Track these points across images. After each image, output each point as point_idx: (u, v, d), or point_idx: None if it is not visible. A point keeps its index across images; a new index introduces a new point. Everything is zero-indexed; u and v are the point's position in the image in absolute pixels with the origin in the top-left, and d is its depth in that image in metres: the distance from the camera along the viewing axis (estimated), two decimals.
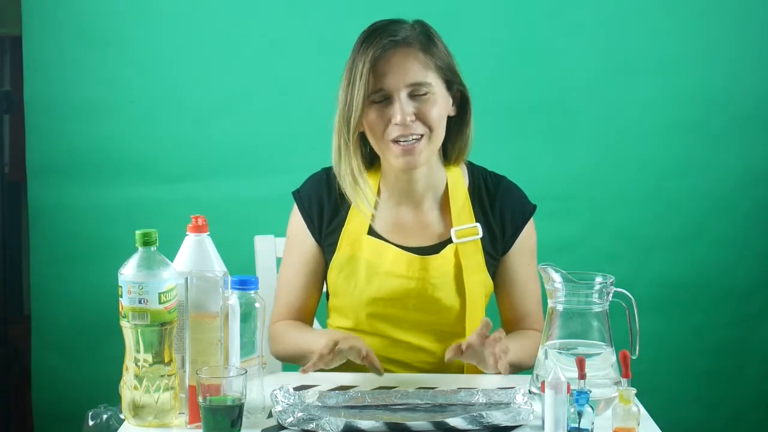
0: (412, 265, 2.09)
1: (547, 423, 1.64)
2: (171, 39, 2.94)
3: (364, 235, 2.12)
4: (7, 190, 3.03)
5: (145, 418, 1.72)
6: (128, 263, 1.70)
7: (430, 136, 2.04)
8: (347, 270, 2.11)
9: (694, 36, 2.96)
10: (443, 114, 2.06)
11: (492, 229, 2.14)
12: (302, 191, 2.19)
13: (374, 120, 2.03)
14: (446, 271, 2.10)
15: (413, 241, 2.12)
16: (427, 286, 2.09)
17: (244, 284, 1.78)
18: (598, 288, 1.81)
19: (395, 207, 2.14)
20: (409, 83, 2.02)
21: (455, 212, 2.12)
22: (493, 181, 2.18)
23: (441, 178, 2.15)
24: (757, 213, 3.01)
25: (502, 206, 2.15)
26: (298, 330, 2.15)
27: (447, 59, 2.07)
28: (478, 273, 2.11)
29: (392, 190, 2.13)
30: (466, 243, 2.10)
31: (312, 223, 2.16)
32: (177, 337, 1.75)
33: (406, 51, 2.03)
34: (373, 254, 2.11)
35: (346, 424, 1.69)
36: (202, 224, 1.80)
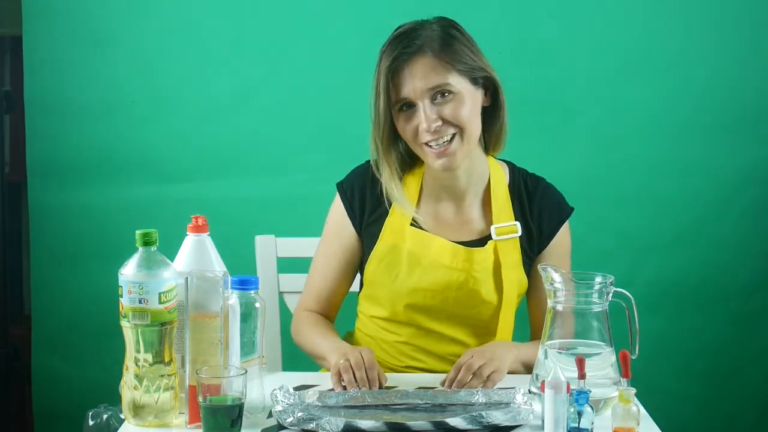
0: (457, 256, 2.11)
1: (547, 423, 1.64)
2: (171, 39, 2.94)
3: (408, 226, 2.13)
4: (7, 190, 3.03)
5: (145, 418, 1.72)
6: (128, 263, 1.70)
7: (463, 135, 2.05)
8: (388, 260, 2.13)
9: (694, 36, 2.96)
10: (473, 111, 2.07)
11: (529, 228, 2.15)
12: (345, 182, 2.21)
13: (404, 127, 2.06)
14: (487, 266, 2.11)
15: (454, 235, 2.14)
16: (469, 278, 2.10)
17: (244, 284, 1.78)
18: (598, 288, 1.81)
19: (437, 202, 2.16)
20: (428, 89, 2.03)
21: (496, 209, 2.14)
22: (533, 181, 2.21)
23: (483, 172, 2.16)
24: (757, 213, 3.01)
25: (540, 206, 2.17)
26: (317, 330, 2.16)
27: (468, 56, 2.07)
28: (515, 271, 2.12)
29: (434, 185, 2.15)
30: (505, 240, 2.12)
31: (353, 212, 2.18)
32: (177, 337, 1.75)
33: (421, 59, 2.03)
34: (416, 245, 2.12)
35: (346, 424, 1.69)
36: (202, 224, 1.80)
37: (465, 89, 2.05)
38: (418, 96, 2.03)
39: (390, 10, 2.85)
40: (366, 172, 2.19)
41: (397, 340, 2.14)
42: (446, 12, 2.14)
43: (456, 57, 2.05)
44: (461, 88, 2.04)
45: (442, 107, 2.03)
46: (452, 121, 2.03)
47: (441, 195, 2.16)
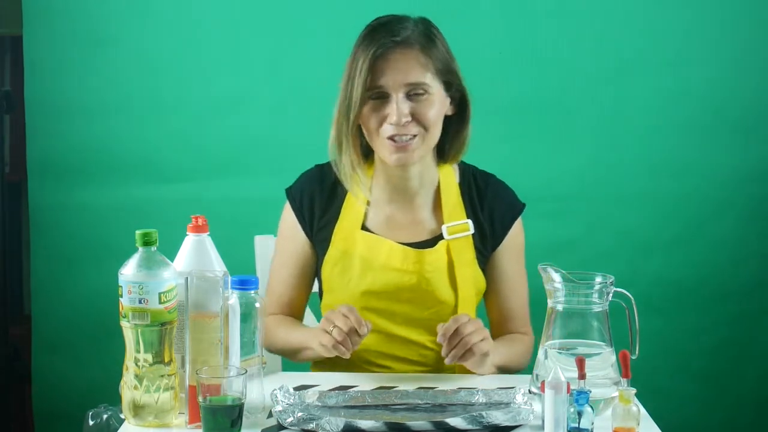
0: (408, 258, 2.10)
1: (547, 423, 1.64)
2: (171, 39, 2.94)
3: (358, 231, 2.13)
4: (7, 190, 3.03)
5: (145, 418, 1.72)
6: (128, 263, 1.70)
7: (425, 136, 2.05)
8: (341, 265, 2.12)
9: (694, 36, 2.96)
10: (440, 115, 2.07)
11: (482, 226, 2.15)
12: (294, 188, 2.21)
13: (370, 116, 2.05)
14: (440, 266, 2.11)
15: (405, 237, 2.13)
16: (421, 280, 2.10)
17: (244, 284, 1.78)
18: (598, 288, 1.81)
19: (387, 203, 2.15)
20: (406, 84, 2.03)
21: (447, 209, 2.14)
22: (483, 179, 2.20)
23: (433, 177, 2.16)
24: (757, 213, 3.01)
25: (491, 204, 2.17)
26: (288, 326, 2.16)
27: (447, 60, 2.08)
28: (469, 269, 2.12)
29: (385, 186, 2.15)
30: (458, 239, 2.12)
31: (303, 219, 2.18)
32: (177, 337, 1.75)
33: (406, 51, 2.03)
34: (367, 249, 2.11)
35: (346, 424, 1.69)
36: (202, 224, 1.81)
37: (438, 92, 2.06)
38: (395, 88, 2.02)
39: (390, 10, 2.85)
40: (314, 177, 2.19)
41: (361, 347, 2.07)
42: (446, 12, 2.15)
43: (438, 56, 2.06)
44: (434, 90, 2.05)
45: (414, 104, 2.03)
46: (420, 121, 2.03)
47: (392, 196, 2.15)
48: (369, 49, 2.03)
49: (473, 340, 1.94)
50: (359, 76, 2.02)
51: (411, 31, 2.05)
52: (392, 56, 2.03)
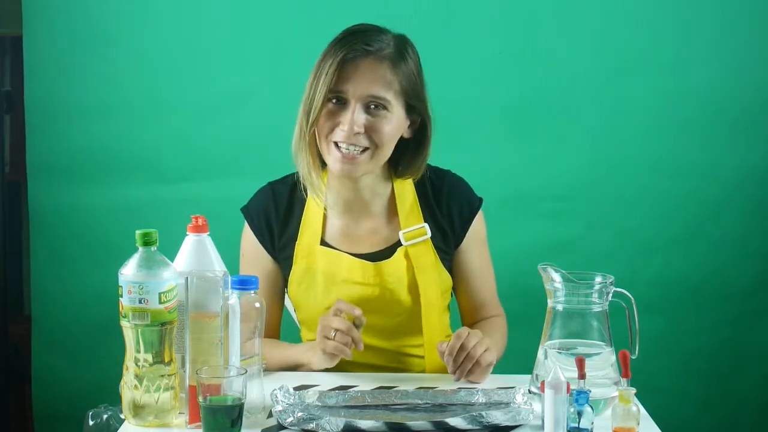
0: (367, 271, 2.10)
1: (546, 423, 1.64)
2: (171, 39, 2.94)
3: (317, 246, 2.12)
4: (7, 190, 3.03)
5: (145, 417, 1.72)
6: (128, 263, 1.70)
7: (374, 152, 2.03)
8: (306, 282, 2.12)
9: (694, 36, 2.96)
10: (394, 134, 2.05)
11: (441, 225, 2.14)
12: (250, 207, 2.20)
13: (325, 119, 2.03)
14: (400, 274, 2.10)
15: (364, 247, 2.13)
16: (384, 291, 2.10)
17: (244, 284, 1.78)
18: (598, 288, 1.81)
19: (342, 215, 2.14)
20: (367, 95, 2.01)
21: (403, 215, 2.13)
22: (438, 176, 2.17)
23: (386, 188, 2.14)
24: (757, 213, 3.01)
25: (448, 202, 2.15)
26: (273, 346, 2.13)
27: (414, 82, 2.05)
28: (431, 272, 2.11)
29: (337, 196, 2.13)
30: (417, 244, 2.11)
31: (264, 238, 2.16)
32: (177, 337, 1.75)
33: (375, 63, 2.02)
34: (328, 264, 2.11)
35: (346, 424, 1.69)
36: (202, 224, 1.81)
37: (397, 112, 2.04)
38: (355, 96, 2.01)
39: (391, 10, 2.85)
40: (267, 194, 2.18)
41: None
42: (447, 11, 2.14)
43: (406, 76, 2.04)
44: (395, 110, 2.03)
45: (370, 117, 2.01)
46: (372, 136, 2.01)
47: (345, 207, 2.13)
48: (339, 52, 2.01)
49: (479, 352, 1.94)
50: (324, 77, 2.00)
51: (386, 44, 2.03)
52: (360, 64, 2.01)
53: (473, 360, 1.94)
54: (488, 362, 1.96)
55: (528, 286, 2.22)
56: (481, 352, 1.94)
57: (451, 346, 1.94)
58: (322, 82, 2.00)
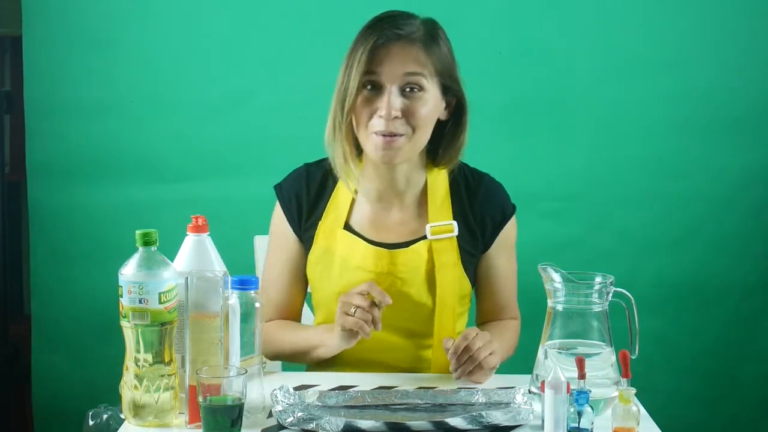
0: (381, 259, 2.08)
1: (546, 423, 1.64)
2: (171, 39, 2.94)
3: (339, 230, 2.11)
4: (7, 190, 3.03)
5: (145, 417, 1.72)
6: (128, 263, 1.70)
7: (412, 136, 2.02)
8: (323, 263, 2.11)
9: (694, 36, 2.96)
10: (431, 117, 2.05)
11: (471, 227, 2.13)
12: (283, 186, 2.20)
13: (362, 108, 2.02)
14: (416, 266, 2.08)
15: (389, 237, 2.11)
16: (395, 280, 2.08)
17: (244, 284, 1.78)
18: (598, 288, 1.81)
19: (373, 202, 2.13)
20: (402, 78, 2.00)
21: (433, 209, 2.11)
22: (475, 179, 2.17)
23: (421, 179, 2.13)
24: (757, 213, 3.01)
25: (482, 206, 2.14)
26: (291, 329, 2.14)
27: (448, 64, 2.06)
28: (451, 271, 2.09)
29: (371, 184, 2.12)
30: (441, 240, 2.09)
31: (292, 217, 2.16)
32: (177, 337, 1.75)
33: (407, 46, 2.02)
34: (345, 248, 2.10)
35: (346, 424, 1.69)
36: (202, 224, 1.80)
37: (433, 93, 2.03)
38: (390, 79, 2.00)
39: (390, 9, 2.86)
40: (301, 175, 2.17)
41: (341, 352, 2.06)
42: (446, 11, 2.14)
43: (439, 57, 2.04)
44: (430, 91, 2.03)
45: (407, 101, 2.01)
46: (410, 119, 2.01)
47: (378, 195, 2.13)
48: (370, 38, 2.01)
49: (482, 355, 1.94)
50: (357, 65, 2.00)
51: (416, 28, 2.04)
52: (392, 48, 2.01)
53: (476, 362, 1.93)
54: (491, 366, 1.96)
55: (528, 286, 2.22)
56: (485, 356, 1.94)
57: (457, 344, 1.94)
58: (355, 70, 2.00)
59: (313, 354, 2.08)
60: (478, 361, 1.93)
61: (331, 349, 2.04)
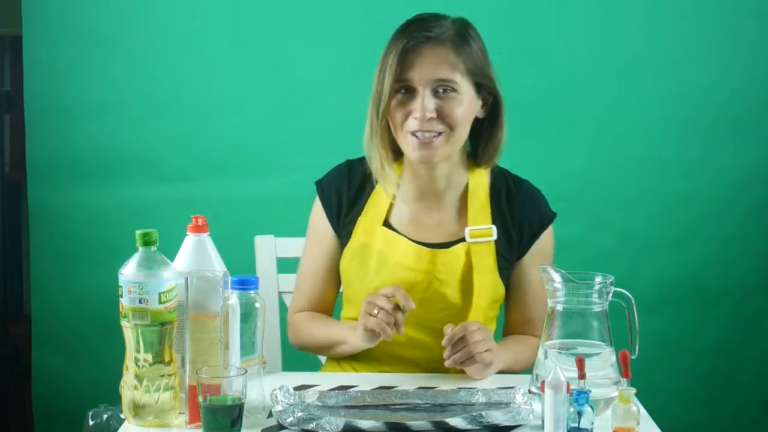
0: (421, 257, 2.09)
1: (546, 423, 1.64)
2: (171, 39, 2.94)
3: (379, 226, 2.12)
4: (7, 190, 3.03)
5: (145, 417, 1.72)
6: (128, 263, 1.70)
7: (450, 135, 2.03)
8: (359, 259, 2.12)
9: (694, 37, 2.96)
10: (467, 116, 2.06)
11: (509, 232, 2.13)
12: (324, 182, 2.20)
13: (396, 110, 2.04)
14: (455, 268, 2.09)
15: (427, 237, 2.12)
16: (433, 280, 2.08)
17: (244, 284, 1.78)
18: (598, 288, 1.81)
19: (413, 203, 2.14)
20: (434, 79, 2.01)
21: (473, 212, 2.12)
22: (515, 184, 2.17)
23: (462, 179, 2.14)
24: (756, 213, 3.01)
25: (521, 211, 2.14)
26: (320, 322, 2.16)
27: (479, 62, 2.06)
28: (487, 275, 2.09)
29: (411, 184, 2.13)
30: (479, 243, 2.10)
31: (331, 213, 2.17)
32: (177, 337, 1.75)
33: (437, 48, 2.02)
34: (384, 245, 2.11)
35: (346, 424, 1.69)
36: (202, 224, 1.80)
37: (467, 92, 2.04)
38: (422, 83, 2.01)
39: (390, 10, 2.85)
40: (343, 172, 2.18)
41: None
42: (446, 11, 2.14)
43: (470, 56, 2.04)
44: (464, 90, 2.03)
45: (440, 101, 2.02)
46: (445, 119, 2.02)
47: (418, 196, 2.13)
48: (400, 42, 2.02)
49: (477, 349, 1.94)
50: (389, 70, 2.01)
51: (445, 29, 2.04)
52: (422, 50, 2.02)
53: (468, 354, 1.93)
54: (486, 361, 1.95)
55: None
56: (481, 351, 1.94)
57: (454, 332, 1.94)
58: (387, 74, 2.01)
59: (337, 349, 2.11)
60: (472, 354, 1.93)
61: (353, 347, 2.06)
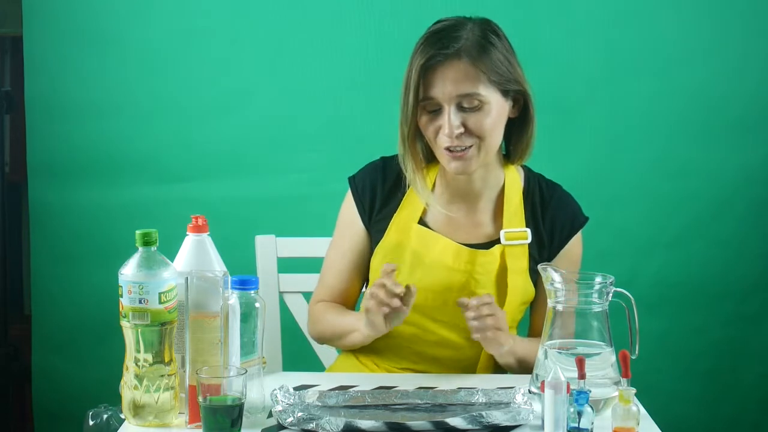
0: (460, 257, 2.09)
1: (546, 423, 1.64)
2: (171, 39, 2.94)
3: (414, 224, 2.12)
4: (7, 190, 3.03)
5: (146, 417, 1.72)
6: (128, 263, 1.70)
7: (481, 145, 2.04)
8: (392, 256, 2.11)
9: (694, 37, 2.96)
10: (497, 123, 2.05)
11: (541, 235, 2.14)
12: (357, 177, 2.20)
13: (426, 126, 2.05)
14: (491, 269, 2.09)
15: (462, 237, 2.12)
16: (470, 280, 2.09)
17: (244, 284, 1.78)
18: (598, 288, 1.81)
19: (449, 203, 2.14)
20: (456, 96, 2.01)
21: (508, 215, 2.12)
22: (549, 188, 2.18)
23: (498, 179, 2.15)
24: (756, 213, 3.01)
25: (553, 215, 2.15)
26: (337, 311, 2.16)
27: (503, 68, 2.05)
28: (520, 277, 2.10)
29: (447, 187, 2.14)
30: (514, 246, 2.11)
31: (363, 208, 2.17)
32: (177, 337, 1.75)
33: (455, 64, 2.01)
34: (420, 244, 2.11)
35: (346, 424, 1.69)
36: (202, 224, 1.80)
37: (494, 100, 2.03)
38: (446, 100, 2.01)
39: (390, 10, 2.86)
40: (378, 168, 2.18)
41: (395, 341, 2.11)
42: (446, 11, 2.14)
43: (491, 66, 2.03)
44: (490, 99, 2.03)
45: (467, 116, 2.02)
46: (474, 132, 2.02)
47: (454, 197, 2.14)
48: (419, 60, 2.02)
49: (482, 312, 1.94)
50: (412, 88, 2.02)
51: (464, 41, 2.02)
52: (441, 68, 2.01)
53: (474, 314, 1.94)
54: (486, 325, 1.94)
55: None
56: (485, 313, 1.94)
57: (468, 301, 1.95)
58: (411, 93, 2.03)
59: (348, 339, 2.11)
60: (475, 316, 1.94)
61: (363, 336, 2.05)
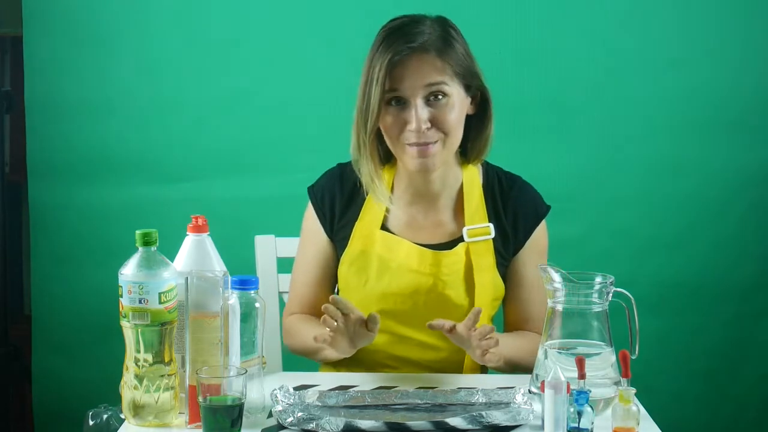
0: (425, 259, 2.09)
1: (546, 423, 1.64)
2: (171, 39, 2.94)
3: (377, 230, 2.12)
4: (7, 190, 3.03)
5: (146, 417, 1.72)
6: (128, 263, 1.70)
7: (446, 141, 2.03)
8: (358, 264, 2.11)
9: (694, 38, 2.96)
10: (460, 118, 2.06)
11: (504, 229, 2.13)
12: (316, 186, 2.20)
13: (390, 123, 2.03)
14: (457, 269, 2.09)
15: (425, 238, 2.12)
16: (438, 282, 2.08)
17: (244, 284, 1.78)
18: (598, 288, 1.81)
19: (409, 205, 2.14)
20: (424, 89, 2.01)
21: (469, 212, 2.12)
22: (508, 180, 2.18)
23: (457, 177, 2.14)
24: (756, 214, 3.01)
25: (515, 206, 2.15)
26: (309, 324, 2.15)
27: (465, 62, 2.06)
28: (488, 273, 2.10)
29: (406, 188, 2.13)
30: (478, 243, 2.10)
31: (324, 217, 2.17)
32: (177, 337, 1.75)
33: (423, 57, 2.01)
34: (385, 249, 2.10)
35: (346, 424, 1.69)
36: (202, 224, 1.80)
37: (456, 93, 2.04)
38: (414, 93, 2.01)
39: (390, 10, 2.85)
40: (335, 176, 2.18)
41: (372, 348, 2.07)
42: (446, 12, 2.14)
43: (456, 59, 2.04)
44: (453, 92, 2.03)
45: (434, 109, 2.02)
46: (440, 126, 2.02)
47: (413, 198, 2.14)
48: (385, 56, 2.00)
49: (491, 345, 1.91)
50: (376, 84, 2.00)
51: (427, 35, 2.03)
52: (408, 62, 2.01)
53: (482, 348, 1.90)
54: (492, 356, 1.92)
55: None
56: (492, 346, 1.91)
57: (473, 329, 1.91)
58: (375, 88, 2.00)
59: (320, 355, 2.09)
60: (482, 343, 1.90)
61: (333, 354, 2.02)
